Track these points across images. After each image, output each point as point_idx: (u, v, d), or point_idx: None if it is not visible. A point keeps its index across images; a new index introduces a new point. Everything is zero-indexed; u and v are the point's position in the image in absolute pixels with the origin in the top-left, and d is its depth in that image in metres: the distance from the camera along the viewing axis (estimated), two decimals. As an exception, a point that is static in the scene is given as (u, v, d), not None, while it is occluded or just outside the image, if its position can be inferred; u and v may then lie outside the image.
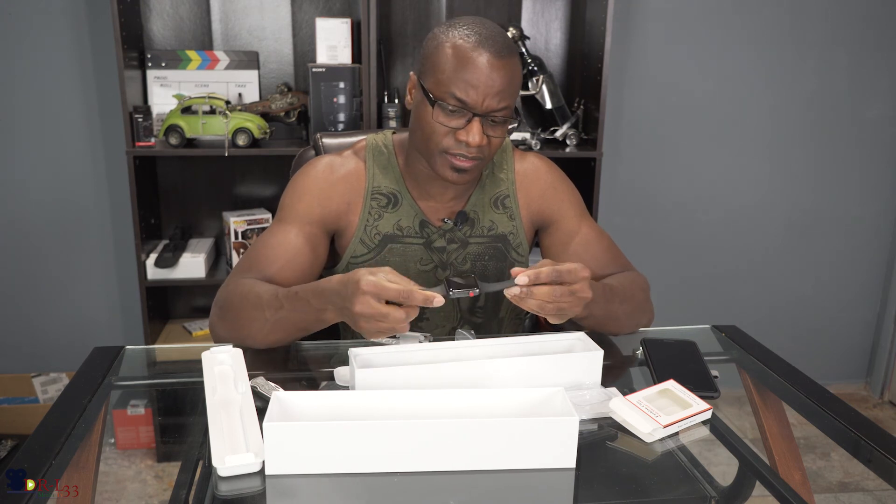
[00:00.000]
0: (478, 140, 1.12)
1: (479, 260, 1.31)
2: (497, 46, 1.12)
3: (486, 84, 1.10)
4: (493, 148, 1.17)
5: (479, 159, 1.16)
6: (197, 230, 2.48)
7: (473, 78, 1.10)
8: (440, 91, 1.13)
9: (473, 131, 1.12)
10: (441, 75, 1.13)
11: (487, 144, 1.15)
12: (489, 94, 1.11)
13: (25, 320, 2.49)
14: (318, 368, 1.14)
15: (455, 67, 1.11)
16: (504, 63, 1.11)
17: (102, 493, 0.90)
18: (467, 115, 1.12)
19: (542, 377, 0.98)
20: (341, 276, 1.01)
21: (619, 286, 1.21)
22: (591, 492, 0.84)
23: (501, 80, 1.11)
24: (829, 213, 2.75)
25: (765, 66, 2.57)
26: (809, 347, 2.86)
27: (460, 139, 1.13)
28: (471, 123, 1.12)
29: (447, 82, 1.12)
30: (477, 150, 1.14)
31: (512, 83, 1.13)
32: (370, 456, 0.81)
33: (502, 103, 1.13)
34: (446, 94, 1.12)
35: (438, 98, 1.13)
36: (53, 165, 2.37)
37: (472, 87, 1.11)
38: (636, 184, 2.63)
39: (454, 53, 1.12)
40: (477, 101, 1.11)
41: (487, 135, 1.14)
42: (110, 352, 1.14)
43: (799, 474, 0.94)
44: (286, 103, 2.27)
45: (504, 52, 1.12)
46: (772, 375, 1.13)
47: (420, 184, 1.27)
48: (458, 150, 1.15)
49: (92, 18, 2.27)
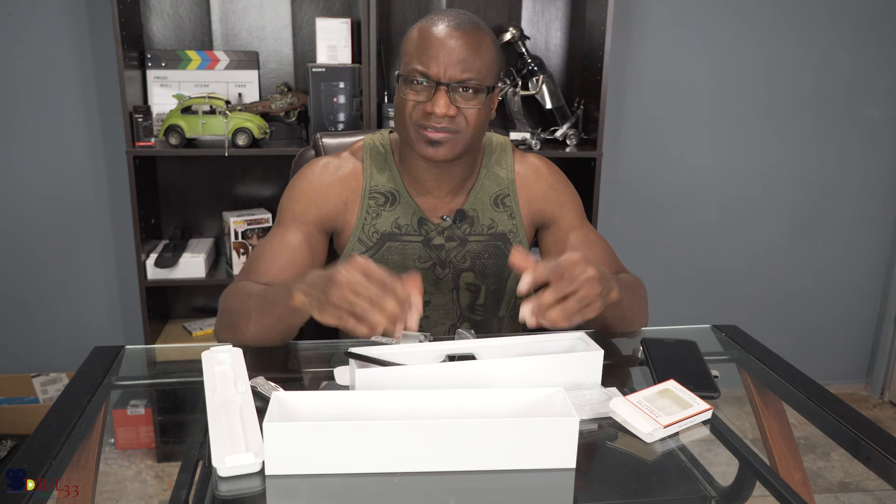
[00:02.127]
0: (443, 110, 1.14)
1: (478, 258, 1.31)
2: (458, 20, 1.16)
3: (445, 53, 1.14)
4: (470, 121, 1.18)
5: (452, 131, 1.17)
6: (197, 230, 2.48)
7: (433, 49, 1.15)
8: (406, 69, 1.18)
9: (438, 101, 1.15)
10: (406, 56, 1.18)
11: (462, 117, 1.17)
12: (450, 63, 1.14)
13: (25, 320, 2.49)
14: (318, 368, 1.14)
15: (418, 44, 1.17)
16: (464, 33, 1.15)
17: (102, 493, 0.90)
18: (433, 85, 1.15)
19: (542, 377, 0.98)
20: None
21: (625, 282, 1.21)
22: (591, 492, 0.84)
23: (462, 51, 1.14)
24: (829, 212, 2.75)
25: (765, 65, 2.57)
26: (809, 347, 2.86)
27: (427, 110, 1.16)
28: (436, 94, 1.15)
29: (411, 59, 1.17)
30: (447, 120, 1.16)
31: (478, 55, 1.15)
32: (370, 456, 0.81)
33: (466, 73, 1.15)
34: (411, 70, 1.16)
35: (405, 75, 1.17)
36: (53, 165, 2.37)
37: (432, 58, 1.14)
38: (636, 184, 2.63)
39: (418, 34, 1.18)
40: (438, 72, 1.14)
41: (458, 106, 1.16)
42: (110, 352, 1.14)
43: (799, 474, 0.94)
44: (286, 103, 2.27)
45: (466, 26, 1.15)
46: (772, 375, 1.13)
47: (417, 181, 1.28)
48: (429, 122, 1.16)
49: (92, 18, 2.27)
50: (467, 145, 1.20)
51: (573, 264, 0.96)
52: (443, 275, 1.30)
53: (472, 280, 1.31)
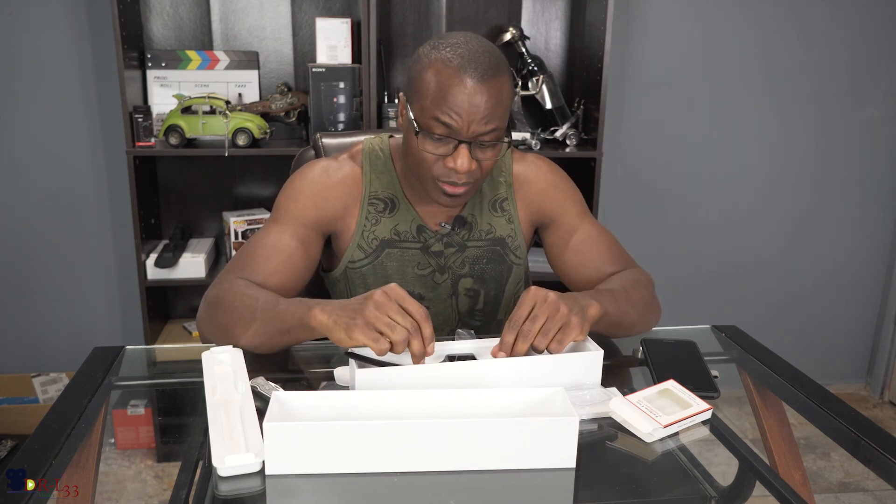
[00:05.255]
0: (466, 167, 1.11)
1: (477, 263, 1.30)
2: (481, 69, 1.07)
3: (469, 110, 1.08)
4: (484, 170, 1.15)
5: (470, 183, 1.15)
6: (197, 230, 2.48)
7: (456, 104, 1.07)
8: (425, 118, 1.11)
9: (461, 158, 1.10)
10: (425, 101, 1.10)
11: (478, 168, 1.14)
12: (474, 120, 1.08)
13: (25, 320, 2.50)
14: (318, 368, 1.14)
15: (438, 93, 1.08)
16: (489, 86, 1.08)
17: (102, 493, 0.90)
18: (453, 141, 1.10)
19: (542, 377, 0.98)
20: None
21: (619, 288, 1.19)
22: (591, 492, 0.84)
23: (486, 104, 1.08)
24: (829, 212, 2.75)
25: (765, 65, 2.57)
26: (809, 347, 2.86)
27: (449, 166, 1.12)
28: (458, 150, 1.11)
29: (431, 108, 1.09)
30: (467, 175, 1.13)
31: (500, 104, 1.10)
32: (370, 456, 0.81)
33: (489, 126, 1.10)
34: (431, 122, 1.10)
35: (424, 126, 1.11)
36: (54, 165, 2.37)
37: (455, 113, 1.08)
38: (635, 184, 2.63)
39: (437, 78, 1.09)
40: (462, 127, 1.09)
41: (477, 158, 1.12)
42: (110, 352, 1.14)
43: (799, 474, 0.94)
44: (286, 103, 2.27)
45: (488, 75, 1.08)
46: (772, 375, 1.13)
47: (417, 188, 1.26)
48: (448, 178, 1.13)
49: (92, 18, 2.27)
50: (479, 184, 1.21)
51: (519, 308, 1.00)
52: (441, 280, 1.29)
53: (470, 285, 1.31)
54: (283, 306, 1.06)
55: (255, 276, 1.17)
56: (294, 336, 1.06)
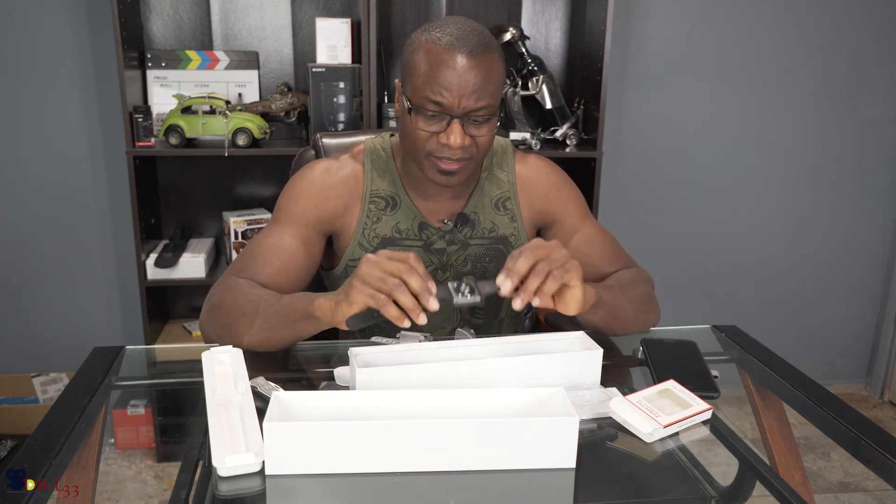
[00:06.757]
0: (459, 142, 1.12)
1: (479, 262, 1.31)
2: (470, 45, 1.10)
3: (460, 85, 1.10)
4: (480, 147, 1.16)
5: (465, 160, 1.16)
6: (197, 230, 2.48)
7: (447, 80, 1.10)
8: (417, 97, 1.13)
9: (454, 133, 1.12)
10: (416, 81, 1.13)
11: (473, 144, 1.15)
12: (465, 95, 1.10)
13: (25, 320, 2.49)
14: (318, 368, 1.14)
15: (428, 71, 1.11)
16: (478, 61, 1.10)
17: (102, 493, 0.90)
18: (446, 117, 1.12)
19: (542, 377, 0.98)
20: None
21: (616, 283, 1.21)
22: (591, 492, 0.84)
23: (476, 79, 1.10)
24: (829, 212, 2.75)
25: (765, 64, 2.57)
26: (809, 347, 2.86)
27: (442, 142, 1.13)
28: (450, 126, 1.12)
29: (422, 87, 1.12)
30: (461, 150, 1.14)
31: (490, 80, 1.12)
32: (370, 456, 0.81)
33: (480, 102, 1.11)
34: (423, 100, 1.12)
35: (416, 104, 1.13)
36: (53, 165, 2.37)
37: (446, 89, 1.10)
38: (635, 184, 2.63)
39: (427, 57, 1.12)
40: (453, 103, 1.11)
41: (471, 135, 1.14)
42: (110, 352, 1.14)
43: (799, 474, 0.94)
44: (286, 103, 2.27)
45: (477, 51, 1.10)
46: (772, 375, 1.13)
47: (418, 186, 1.27)
48: (443, 154, 1.14)
49: (92, 18, 2.27)
50: (478, 166, 1.21)
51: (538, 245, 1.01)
52: (443, 278, 1.29)
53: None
54: (286, 300, 1.08)
55: (257, 276, 1.18)
56: (297, 329, 1.07)
